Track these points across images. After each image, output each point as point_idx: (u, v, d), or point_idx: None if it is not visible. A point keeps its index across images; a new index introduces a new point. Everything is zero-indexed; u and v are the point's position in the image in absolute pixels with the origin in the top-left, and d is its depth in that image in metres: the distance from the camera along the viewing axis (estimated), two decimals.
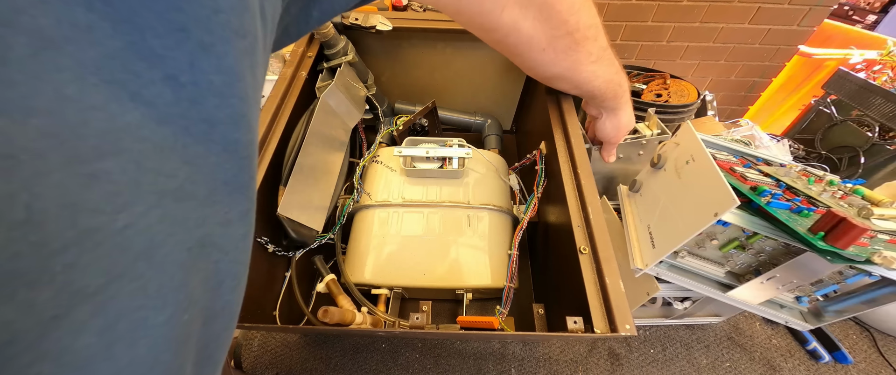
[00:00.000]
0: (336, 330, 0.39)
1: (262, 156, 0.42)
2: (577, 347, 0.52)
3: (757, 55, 1.44)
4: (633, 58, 1.44)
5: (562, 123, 0.48)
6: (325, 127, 0.49)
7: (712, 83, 1.56)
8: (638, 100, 0.69)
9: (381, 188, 0.55)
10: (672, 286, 0.41)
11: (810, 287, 0.38)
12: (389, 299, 0.48)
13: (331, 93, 0.49)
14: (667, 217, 0.38)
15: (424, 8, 0.85)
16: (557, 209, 0.44)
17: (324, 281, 0.47)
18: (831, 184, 0.37)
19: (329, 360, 0.50)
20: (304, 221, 0.43)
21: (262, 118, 0.44)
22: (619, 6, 1.27)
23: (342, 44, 0.54)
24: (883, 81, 0.91)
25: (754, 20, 1.31)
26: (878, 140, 0.82)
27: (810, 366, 0.51)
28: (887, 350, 0.53)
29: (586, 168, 0.42)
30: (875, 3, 2.03)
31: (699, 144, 0.36)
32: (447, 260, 0.49)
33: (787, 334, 0.54)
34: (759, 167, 0.39)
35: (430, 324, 0.52)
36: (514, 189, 0.58)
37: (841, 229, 0.27)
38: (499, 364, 0.50)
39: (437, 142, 0.55)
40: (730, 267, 0.39)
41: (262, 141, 0.42)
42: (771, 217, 0.30)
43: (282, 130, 0.45)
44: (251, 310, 0.39)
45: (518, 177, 0.60)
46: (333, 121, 0.52)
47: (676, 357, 0.51)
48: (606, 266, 0.34)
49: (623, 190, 0.49)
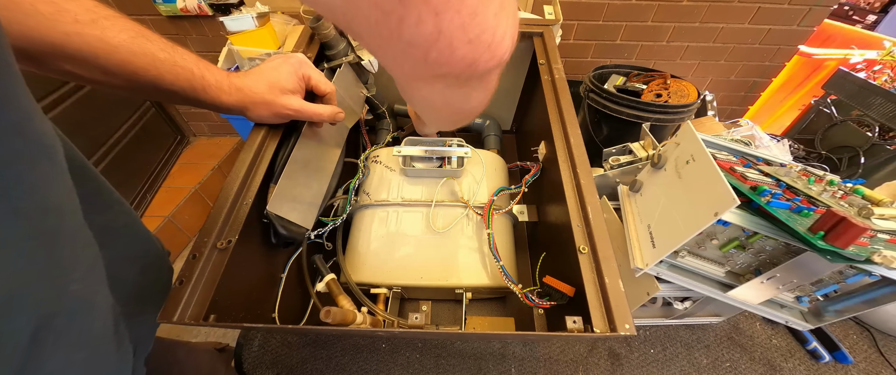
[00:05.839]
0: (336, 330, 0.39)
1: (260, 156, 0.42)
2: (577, 347, 0.52)
3: (757, 55, 1.44)
4: (633, 58, 1.44)
5: (562, 123, 0.48)
6: (322, 127, 0.49)
7: (712, 83, 1.56)
8: (638, 101, 0.69)
9: (380, 187, 0.55)
10: (672, 286, 0.41)
11: (810, 286, 0.38)
12: (388, 298, 0.48)
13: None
14: (667, 216, 0.38)
15: None
16: (557, 209, 0.44)
17: (324, 280, 0.47)
18: (831, 183, 0.37)
19: (329, 360, 0.50)
20: (294, 219, 0.43)
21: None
22: (619, 6, 1.27)
23: (342, 45, 0.54)
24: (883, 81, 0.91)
25: (754, 20, 1.31)
26: (878, 140, 0.82)
27: (810, 366, 0.51)
28: (887, 350, 0.53)
29: (586, 168, 0.42)
30: (875, 3, 2.03)
31: (699, 144, 0.35)
32: (446, 260, 0.49)
33: (787, 334, 0.54)
34: (759, 167, 0.39)
35: (430, 324, 0.52)
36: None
37: (841, 228, 0.27)
38: (499, 364, 0.50)
39: (436, 141, 0.55)
40: (730, 266, 0.39)
41: (261, 140, 0.42)
42: (771, 216, 0.30)
43: (280, 129, 0.45)
44: (251, 310, 0.39)
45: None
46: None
47: (677, 357, 0.51)
48: (606, 265, 0.34)
49: (623, 190, 0.49)
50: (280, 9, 1.23)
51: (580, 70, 1.47)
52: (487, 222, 0.48)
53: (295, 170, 0.43)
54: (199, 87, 0.37)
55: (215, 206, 0.36)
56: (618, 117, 0.71)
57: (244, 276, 0.37)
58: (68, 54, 0.29)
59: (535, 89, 0.59)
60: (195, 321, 0.30)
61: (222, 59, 1.13)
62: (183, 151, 1.62)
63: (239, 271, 0.36)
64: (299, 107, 0.42)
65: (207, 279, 0.32)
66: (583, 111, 0.80)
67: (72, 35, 0.29)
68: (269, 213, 0.39)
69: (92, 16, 0.30)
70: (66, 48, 0.29)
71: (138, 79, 0.33)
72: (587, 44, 1.39)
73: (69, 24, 0.29)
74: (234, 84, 0.39)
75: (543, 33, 0.59)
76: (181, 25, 1.30)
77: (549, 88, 0.53)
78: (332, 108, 0.45)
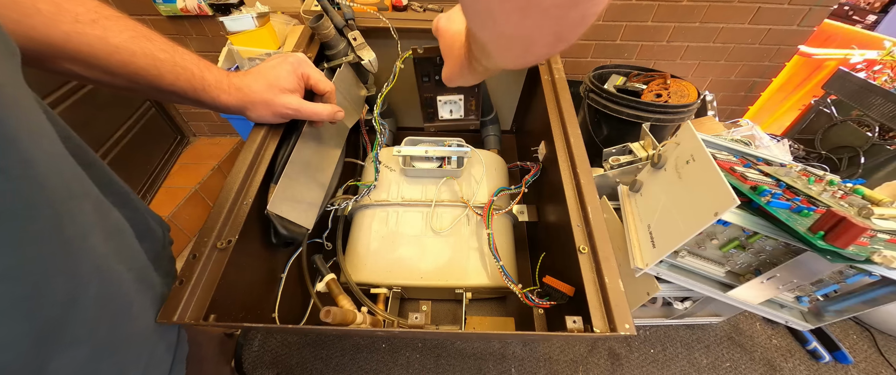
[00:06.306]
0: (336, 330, 0.39)
1: (260, 156, 0.42)
2: (577, 347, 0.52)
3: (757, 55, 1.44)
4: (633, 58, 1.43)
5: (562, 123, 0.48)
6: (322, 126, 0.49)
7: (712, 83, 1.56)
8: (638, 101, 0.69)
9: (380, 187, 0.55)
10: (672, 286, 0.41)
11: (810, 286, 0.38)
12: (388, 298, 0.48)
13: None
14: (667, 216, 0.38)
15: (424, 8, 0.86)
16: (557, 208, 0.44)
17: (324, 280, 0.47)
18: (831, 183, 0.37)
19: (329, 360, 0.50)
20: (295, 219, 0.43)
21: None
22: (620, 6, 1.27)
23: (342, 45, 0.54)
24: (883, 81, 0.91)
25: (754, 20, 1.31)
26: (878, 140, 0.82)
27: (811, 366, 0.51)
28: (887, 350, 0.53)
29: (586, 168, 0.42)
30: (875, 3, 2.03)
31: (699, 144, 0.35)
32: (446, 259, 0.49)
33: (787, 334, 0.54)
34: (759, 167, 0.39)
35: (430, 324, 0.52)
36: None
37: (841, 228, 0.27)
38: (499, 364, 0.50)
39: (435, 141, 0.55)
40: (730, 266, 0.39)
41: (261, 140, 0.42)
42: (771, 216, 0.30)
43: (280, 129, 0.45)
44: (251, 310, 0.39)
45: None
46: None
47: (676, 357, 0.51)
48: (606, 265, 0.34)
49: (623, 190, 0.49)
50: (280, 9, 1.23)
51: (580, 70, 1.47)
52: (487, 222, 0.48)
53: (295, 170, 0.43)
54: (199, 87, 0.37)
55: (215, 206, 0.36)
56: (618, 117, 0.71)
57: (244, 276, 0.37)
58: (69, 54, 0.29)
59: (535, 89, 0.59)
60: (195, 321, 0.30)
61: (222, 59, 1.13)
62: (183, 151, 1.61)
63: (239, 271, 0.36)
64: (298, 106, 0.42)
65: (207, 279, 0.32)
66: (583, 111, 0.80)
67: (72, 34, 0.29)
68: (270, 213, 0.39)
69: (93, 16, 0.30)
70: (67, 48, 0.29)
71: (139, 79, 0.33)
72: (587, 44, 1.39)
73: (70, 24, 0.29)
74: (234, 84, 0.39)
75: None
76: (181, 25, 1.30)
77: (549, 88, 0.53)
78: (331, 107, 0.45)
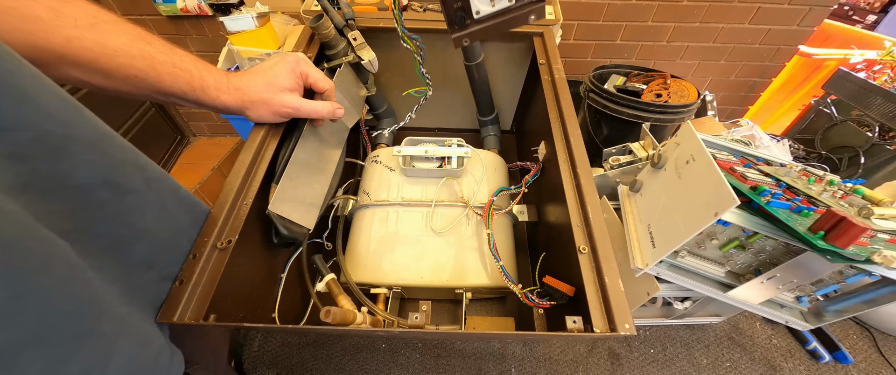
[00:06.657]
0: (336, 330, 0.39)
1: (260, 156, 0.42)
2: (577, 347, 0.52)
3: (757, 55, 1.44)
4: (634, 58, 1.44)
5: (562, 123, 0.48)
6: (322, 126, 0.49)
7: (712, 83, 1.56)
8: (638, 101, 0.69)
9: (380, 187, 0.55)
10: (672, 286, 0.41)
11: (810, 286, 0.38)
12: (388, 298, 0.48)
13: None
14: (667, 216, 0.38)
15: (424, 8, 0.86)
16: (557, 208, 0.44)
17: (324, 280, 0.47)
18: (831, 183, 0.37)
19: (329, 360, 0.50)
20: (296, 219, 0.43)
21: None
22: (620, 6, 1.27)
23: (342, 45, 0.54)
24: (883, 81, 0.91)
25: (754, 20, 1.31)
26: (878, 140, 0.82)
27: (811, 366, 0.51)
28: (887, 350, 0.53)
29: (586, 168, 0.42)
30: (875, 3, 2.03)
31: (699, 144, 0.35)
32: (446, 260, 0.49)
33: (787, 334, 0.54)
34: (759, 167, 0.39)
35: (430, 324, 0.52)
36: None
37: (841, 228, 0.27)
38: (499, 364, 0.50)
39: (435, 141, 0.55)
40: (730, 266, 0.39)
41: (261, 140, 0.42)
42: (771, 216, 0.30)
43: (280, 129, 0.45)
44: (251, 310, 0.39)
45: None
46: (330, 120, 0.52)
47: (676, 357, 0.51)
48: (606, 265, 0.34)
49: (623, 190, 0.49)
50: (280, 9, 1.23)
51: (580, 70, 1.47)
52: (487, 222, 0.48)
53: (296, 171, 0.43)
54: (198, 88, 0.37)
55: (215, 206, 0.36)
56: (618, 117, 0.71)
57: (244, 276, 0.37)
58: (70, 59, 0.29)
59: (535, 89, 0.59)
60: (195, 321, 0.30)
61: (222, 59, 1.13)
62: (183, 151, 1.61)
63: (239, 271, 0.36)
64: (297, 104, 0.42)
65: (207, 279, 0.32)
66: (583, 111, 0.80)
67: (72, 39, 0.29)
68: (271, 213, 0.39)
69: (91, 20, 0.30)
70: (67, 53, 0.29)
71: (138, 82, 0.33)
72: (587, 44, 1.39)
73: (69, 29, 0.28)
74: (233, 84, 0.39)
75: (543, 33, 0.59)
76: (181, 25, 1.30)
77: (549, 88, 0.52)
78: (330, 104, 0.45)
